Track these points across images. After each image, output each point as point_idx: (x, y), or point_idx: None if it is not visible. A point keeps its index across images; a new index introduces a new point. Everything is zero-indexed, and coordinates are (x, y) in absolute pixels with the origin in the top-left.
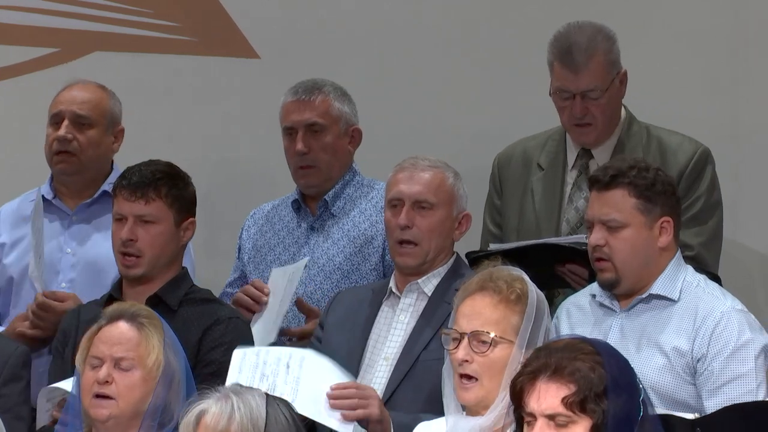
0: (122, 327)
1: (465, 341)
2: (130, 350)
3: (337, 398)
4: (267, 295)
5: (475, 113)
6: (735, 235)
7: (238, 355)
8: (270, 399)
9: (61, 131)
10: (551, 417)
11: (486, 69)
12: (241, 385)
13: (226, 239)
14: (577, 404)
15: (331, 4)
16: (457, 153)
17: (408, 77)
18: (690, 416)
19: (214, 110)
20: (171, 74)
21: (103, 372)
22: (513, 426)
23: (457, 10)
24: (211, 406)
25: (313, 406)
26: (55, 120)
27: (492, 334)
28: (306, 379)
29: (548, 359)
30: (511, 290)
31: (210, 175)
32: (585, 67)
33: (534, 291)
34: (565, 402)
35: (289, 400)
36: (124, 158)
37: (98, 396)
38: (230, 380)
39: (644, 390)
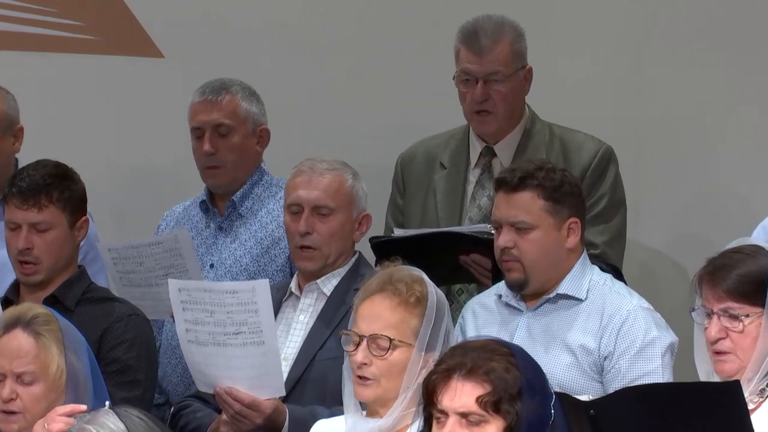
0: (20, 338)
1: (364, 344)
2: (29, 363)
3: (224, 399)
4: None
5: (378, 111)
6: (637, 234)
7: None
8: (122, 412)
9: None
10: (464, 415)
11: (390, 67)
12: (89, 410)
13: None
14: (492, 404)
15: (236, 3)
16: (361, 151)
17: (315, 76)
18: (585, 398)
19: (120, 110)
20: (76, 74)
21: (6, 391)
22: (418, 425)
23: (363, 8)
24: None
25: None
26: None
27: (391, 338)
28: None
29: (463, 358)
30: (411, 293)
31: (116, 175)
32: (490, 51)
33: (434, 293)
34: (480, 401)
35: None
36: (29, 159)
37: (5, 412)
38: None
39: (555, 395)
